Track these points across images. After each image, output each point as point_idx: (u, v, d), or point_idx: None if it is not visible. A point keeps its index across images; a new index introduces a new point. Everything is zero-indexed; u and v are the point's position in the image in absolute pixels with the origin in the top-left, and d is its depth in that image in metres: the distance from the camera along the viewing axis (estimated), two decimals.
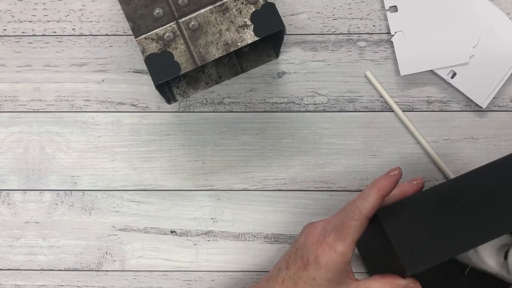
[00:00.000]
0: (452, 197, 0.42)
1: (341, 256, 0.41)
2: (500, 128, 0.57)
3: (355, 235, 0.41)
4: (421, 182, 0.44)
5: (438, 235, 0.41)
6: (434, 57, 0.56)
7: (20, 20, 0.59)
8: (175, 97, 0.57)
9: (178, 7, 0.49)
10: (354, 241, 0.42)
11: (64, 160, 0.58)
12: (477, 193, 0.42)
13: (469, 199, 0.42)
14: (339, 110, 0.58)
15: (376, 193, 0.41)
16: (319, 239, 0.43)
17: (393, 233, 0.41)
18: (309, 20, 0.58)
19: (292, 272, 0.43)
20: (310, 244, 0.43)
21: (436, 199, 0.42)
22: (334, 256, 0.41)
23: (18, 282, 0.58)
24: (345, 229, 0.41)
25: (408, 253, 0.41)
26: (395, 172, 0.42)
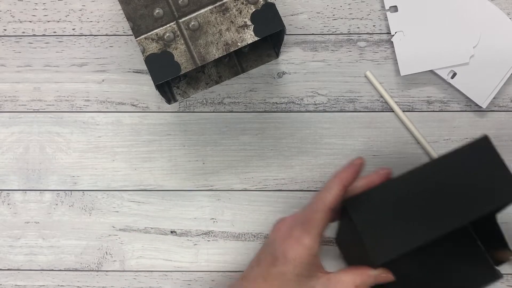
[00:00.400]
0: (419, 185, 0.42)
1: (307, 250, 0.41)
2: (500, 128, 0.57)
3: (320, 228, 0.41)
4: (388, 171, 0.43)
5: (405, 224, 0.41)
6: (434, 57, 0.56)
7: (20, 20, 0.59)
8: (175, 97, 0.57)
9: (178, 7, 0.49)
10: (320, 233, 0.41)
11: (64, 160, 0.58)
12: (443, 181, 0.42)
13: (435, 187, 0.42)
14: (339, 110, 0.58)
15: (338, 184, 0.41)
16: (286, 233, 0.42)
17: (361, 223, 0.41)
18: (309, 20, 0.58)
19: (262, 268, 0.43)
20: (278, 239, 0.43)
21: (403, 187, 0.42)
22: (300, 250, 0.41)
23: (18, 282, 0.58)
24: (310, 222, 0.41)
25: (375, 242, 0.41)
26: (356, 163, 0.42)
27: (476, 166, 0.42)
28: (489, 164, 0.42)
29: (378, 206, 0.42)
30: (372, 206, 0.42)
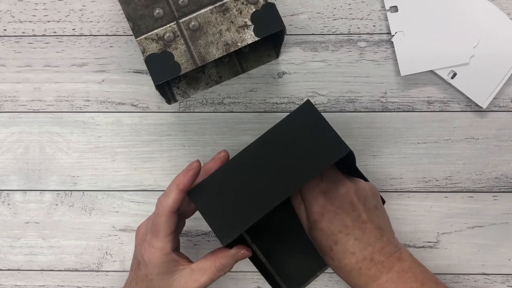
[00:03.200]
0: (252, 161, 0.44)
1: (159, 251, 0.44)
2: (500, 128, 0.57)
3: (166, 230, 0.44)
4: (223, 155, 0.47)
5: (243, 202, 0.43)
6: (435, 57, 0.56)
7: (21, 20, 0.59)
8: (175, 97, 0.57)
9: (178, 7, 0.49)
10: (167, 234, 0.44)
11: (64, 160, 0.58)
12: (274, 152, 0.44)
13: (267, 160, 0.44)
14: (339, 110, 0.58)
15: (175, 189, 0.44)
16: (142, 238, 0.46)
17: (204, 208, 0.44)
18: (310, 20, 0.58)
19: (133, 273, 0.47)
20: (137, 244, 0.47)
21: (237, 167, 0.44)
22: (153, 252, 0.44)
23: (18, 282, 0.58)
24: (156, 226, 0.44)
25: (219, 224, 0.43)
26: (192, 167, 0.45)
27: (303, 132, 0.44)
28: (315, 127, 0.44)
29: (217, 190, 0.44)
30: (212, 191, 0.44)
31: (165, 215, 0.44)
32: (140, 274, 0.46)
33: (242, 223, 0.43)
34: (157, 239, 0.44)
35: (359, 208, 0.46)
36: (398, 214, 0.57)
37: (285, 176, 0.43)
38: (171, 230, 0.45)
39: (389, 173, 0.57)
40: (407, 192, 0.57)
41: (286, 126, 0.44)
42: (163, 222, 0.44)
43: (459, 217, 0.57)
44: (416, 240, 0.57)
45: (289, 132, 0.44)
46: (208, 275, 0.44)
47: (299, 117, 0.44)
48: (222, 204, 0.44)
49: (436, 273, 0.57)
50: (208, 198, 0.44)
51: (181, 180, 0.44)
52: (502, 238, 0.57)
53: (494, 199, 0.57)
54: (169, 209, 0.44)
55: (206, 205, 0.44)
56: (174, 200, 0.44)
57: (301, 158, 0.43)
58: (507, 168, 0.57)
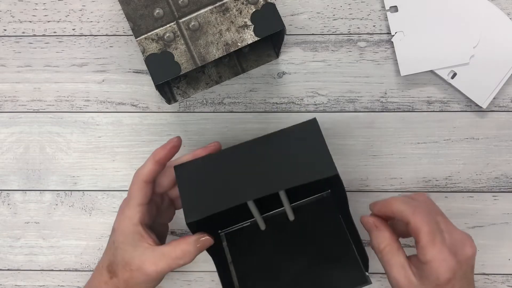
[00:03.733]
0: (244, 156, 0.45)
1: (128, 219, 0.45)
2: (500, 128, 0.57)
3: (137, 199, 0.45)
4: (214, 145, 0.48)
5: (222, 189, 0.44)
6: (435, 57, 0.56)
7: (20, 20, 0.59)
8: (175, 97, 0.57)
9: (178, 7, 0.49)
10: (138, 204, 0.45)
11: (64, 160, 0.58)
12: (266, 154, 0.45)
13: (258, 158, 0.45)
14: (339, 110, 0.58)
15: (151, 160, 0.45)
16: (119, 208, 0.47)
17: (183, 184, 0.45)
18: (310, 20, 0.58)
19: (108, 240, 0.48)
20: (117, 215, 0.48)
21: (228, 157, 0.45)
22: (122, 219, 0.46)
23: (18, 282, 0.58)
24: (129, 194, 0.46)
25: (191, 203, 0.44)
26: (171, 141, 0.46)
27: (299, 144, 0.45)
28: (312, 143, 0.45)
29: (201, 172, 0.45)
30: (196, 172, 0.45)
31: (138, 184, 0.45)
32: (110, 241, 0.47)
33: (212, 207, 0.43)
34: (127, 207, 0.46)
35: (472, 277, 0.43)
36: None
37: (267, 179, 0.44)
38: (143, 201, 0.45)
39: (389, 173, 0.57)
40: (407, 192, 0.57)
41: (286, 135, 0.45)
42: (135, 191, 0.45)
43: (459, 217, 0.57)
44: None
45: (287, 140, 0.45)
46: (166, 260, 0.44)
47: (301, 130, 0.45)
48: (201, 186, 0.44)
49: None
50: (190, 176, 0.45)
51: (158, 152, 0.46)
52: (502, 238, 0.57)
53: (494, 199, 0.57)
54: (142, 178, 0.45)
55: (186, 182, 0.45)
56: (148, 170, 0.45)
57: (288, 166, 0.44)
58: (507, 168, 0.57)
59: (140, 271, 0.44)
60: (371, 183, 0.57)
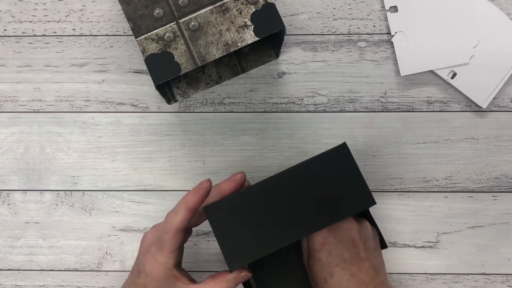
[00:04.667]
0: (277, 192, 0.43)
1: (162, 265, 0.44)
2: (500, 128, 0.57)
3: (171, 246, 0.44)
4: (240, 177, 0.46)
5: (260, 231, 0.43)
6: (434, 57, 0.56)
7: (21, 21, 0.59)
8: (175, 97, 0.57)
9: (178, 7, 0.49)
10: (171, 250, 0.44)
11: (64, 160, 0.58)
12: (300, 188, 0.43)
13: (292, 194, 0.43)
14: (339, 110, 0.58)
15: (184, 208, 0.43)
16: (146, 248, 0.45)
17: (218, 228, 0.43)
18: (309, 20, 0.58)
19: (132, 278, 0.46)
20: (141, 253, 0.46)
21: (261, 194, 0.43)
22: (156, 265, 0.44)
23: (18, 282, 0.58)
24: (161, 241, 0.44)
25: (230, 248, 0.43)
26: (203, 186, 0.44)
27: (333, 174, 0.43)
28: (345, 172, 0.44)
29: (235, 212, 0.43)
30: (229, 213, 0.43)
31: (172, 233, 0.44)
32: (139, 282, 0.45)
33: (254, 253, 0.42)
34: (161, 254, 0.44)
35: (359, 246, 0.45)
36: (398, 214, 0.57)
37: (305, 216, 0.43)
38: (176, 247, 0.44)
39: (389, 173, 0.57)
40: (407, 192, 0.57)
41: (317, 165, 0.44)
42: (169, 239, 0.44)
43: (459, 217, 0.57)
44: (416, 240, 0.57)
45: (319, 172, 0.44)
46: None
47: (331, 158, 0.44)
48: (236, 228, 0.43)
49: (436, 273, 0.57)
50: (223, 218, 0.43)
51: (191, 199, 0.43)
52: (502, 238, 0.57)
53: (494, 199, 0.57)
54: (176, 228, 0.43)
55: (220, 225, 0.43)
56: (182, 219, 0.43)
57: (325, 201, 0.43)
58: (507, 168, 0.57)
59: None
60: (371, 183, 0.57)
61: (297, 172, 0.44)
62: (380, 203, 0.57)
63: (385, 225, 0.57)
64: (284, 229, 0.43)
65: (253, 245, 0.42)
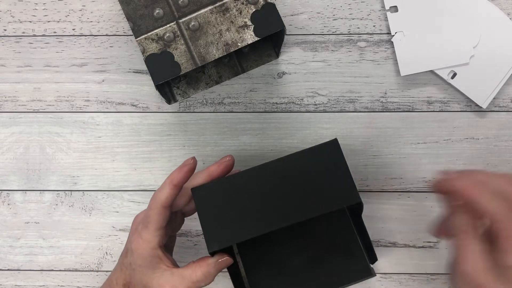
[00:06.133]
0: (264, 179, 0.44)
1: (147, 243, 0.45)
2: (500, 128, 0.57)
3: (156, 223, 0.45)
4: (228, 160, 0.46)
5: (243, 216, 0.43)
6: (435, 57, 0.56)
7: (20, 21, 0.59)
8: (175, 97, 0.57)
9: (178, 7, 0.49)
10: (157, 228, 0.45)
11: (64, 160, 0.58)
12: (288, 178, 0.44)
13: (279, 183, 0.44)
14: (339, 110, 0.58)
15: (169, 184, 0.44)
16: (135, 227, 0.47)
17: (202, 209, 0.44)
18: (310, 20, 0.58)
19: (121, 258, 0.47)
20: (130, 232, 0.48)
21: (249, 181, 0.44)
22: (141, 242, 0.45)
23: (18, 282, 0.58)
24: (147, 218, 0.45)
25: (211, 230, 0.43)
26: (187, 163, 0.45)
27: (321, 168, 0.44)
28: (334, 167, 0.44)
29: (221, 195, 0.44)
30: (215, 195, 0.44)
31: (157, 209, 0.45)
32: (126, 262, 0.46)
33: (234, 237, 0.43)
34: (146, 231, 0.45)
35: None
36: (398, 214, 0.57)
37: (289, 206, 0.43)
38: (161, 225, 0.45)
39: (389, 173, 0.57)
40: (407, 192, 0.57)
41: (306, 157, 0.44)
42: (154, 215, 0.45)
43: None
44: (416, 240, 0.57)
45: (307, 164, 0.44)
46: (186, 284, 0.44)
47: (321, 152, 0.44)
48: (221, 211, 0.43)
49: (436, 273, 0.57)
50: (209, 200, 0.44)
51: (175, 176, 0.44)
52: None
53: None
54: (161, 204, 0.44)
55: (205, 207, 0.44)
56: (166, 195, 0.44)
57: (311, 193, 0.43)
58: (507, 168, 0.57)
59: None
60: (371, 183, 0.57)
61: (286, 162, 0.44)
62: (380, 203, 0.57)
63: (385, 225, 0.57)
64: (267, 216, 0.43)
65: (235, 229, 0.43)
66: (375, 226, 0.57)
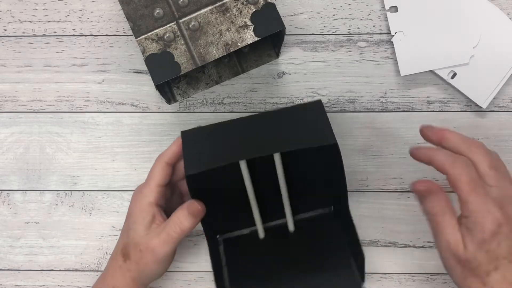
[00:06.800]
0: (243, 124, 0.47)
1: (144, 197, 0.47)
2: (500, 128, 0.57)
3: (157, 179, 0.47)
4: None
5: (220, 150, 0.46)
6: (434, 57, 0.56)
7: (21, 21, 0.59)
8: (175, 97, 0.57)
9: (178, 7, 0.49)
10: (157, 184, 0.47)
11: (64, 160, 0.58)
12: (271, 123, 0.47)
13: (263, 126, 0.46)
14: (339, 110, 0.58)
15: (176, 143, 0.48)
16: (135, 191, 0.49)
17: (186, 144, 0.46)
18: (309, 20, 0.58)
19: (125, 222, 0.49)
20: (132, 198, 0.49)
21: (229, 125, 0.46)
22: (139, 198, 0.47)
23: (18, 282, 0.58)
24: (149, 175, 0.48)
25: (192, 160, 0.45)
26: None
27: (302, 117, 0.46)
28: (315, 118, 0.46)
29: (206, 135, 0.47)
30: (201, 135, 0.47)
31: (160, 165, 0.47)
32: (125, 225, 0.48)
33: (210, 164, 0.44)
34: (146, 186, 0.47)
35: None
36: (398, 214, 0.57)
37: (266, 143, 0.45)
38: (162, 182, 0.47)
39: (389, 173, 0.57)
40: (407, 192, 0.57)
41: (292, 109, 0.46)
42: (156, 171, 0.47)
43: None
44: (416, 240, 0.57)
45: (291, 114, 0.46)
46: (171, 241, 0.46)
47: (306, 107, 0.46)
48: (203, 148, 0.46)
49: (436, 273, 0.57)
50: (194, 139, 0.47)
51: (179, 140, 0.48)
52: None
53: None
54: (164, 159, 0.47)
55: (190, 144, 0.46)
56: (171, 152, 0.48)
57: (289, 135, 0.45)
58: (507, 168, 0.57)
59: (148, 250, 0.46)
60: (371, 183, 0.57)
61: (272, 113, 0.47)
62: (380, 203, 0.57)
63: (385, 225, 0.57)
64: (243, 150, 0.45)
65: (213, 159, 0.45)
66: (375, 226, 0.57)
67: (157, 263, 0.46)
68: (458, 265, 0.41)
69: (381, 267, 0.57)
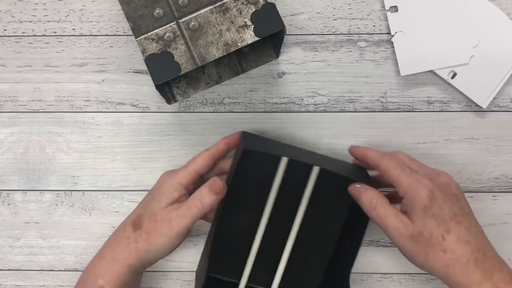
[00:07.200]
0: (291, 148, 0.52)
1: (177, 177, 0.49)
2: (500, 128, 0.57)
3: (196, 165, 0.50)
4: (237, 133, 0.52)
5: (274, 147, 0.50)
6: (435, 57, 0.56)
7: (20, 20, 0.59)
8: (175, 97, 0.57)
9: (178, 7, 0.49)
10: (195, 170, 0.50)
11: (64, 160, 0.58)
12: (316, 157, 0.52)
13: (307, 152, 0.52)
14: (339, 110, 0.58)
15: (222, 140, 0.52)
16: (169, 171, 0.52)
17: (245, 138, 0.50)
18: (309, 20, 0.58)
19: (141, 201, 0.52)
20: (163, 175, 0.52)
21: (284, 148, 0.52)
22: (172, 176, 0.50)
23: (18, 282, 0.58)
24: (191, 161, 0.51)
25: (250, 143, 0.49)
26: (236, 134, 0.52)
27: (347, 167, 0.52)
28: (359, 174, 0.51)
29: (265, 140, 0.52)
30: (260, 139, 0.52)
31: (204, 155, 0.50)
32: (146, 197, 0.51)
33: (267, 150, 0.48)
34: (183, 169, 0.50)
35: (461, 201, 0.45)
36: None
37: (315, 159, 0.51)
38: (199, 170, 0.50)
39: None
40: None
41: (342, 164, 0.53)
42: (199, 159, 0.50)
43: None
44: None
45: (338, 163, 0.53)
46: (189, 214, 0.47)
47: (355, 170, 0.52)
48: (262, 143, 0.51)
49: None
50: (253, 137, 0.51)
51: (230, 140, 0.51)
52: (502, 238, 0.57)
53: (494, 199, 0.57)
54: (210, 151, 0.50)
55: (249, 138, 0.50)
56: (217, 149, 0.51)
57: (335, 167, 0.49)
58: (507, 168, 0.57)
59: (164, 221, 0.47)
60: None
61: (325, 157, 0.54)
62: None
63: None
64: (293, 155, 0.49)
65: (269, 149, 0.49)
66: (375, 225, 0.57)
67: (169, 237, 0.47)
68: (415, 244, 0.44)
69: (381, 267, 0.57)
